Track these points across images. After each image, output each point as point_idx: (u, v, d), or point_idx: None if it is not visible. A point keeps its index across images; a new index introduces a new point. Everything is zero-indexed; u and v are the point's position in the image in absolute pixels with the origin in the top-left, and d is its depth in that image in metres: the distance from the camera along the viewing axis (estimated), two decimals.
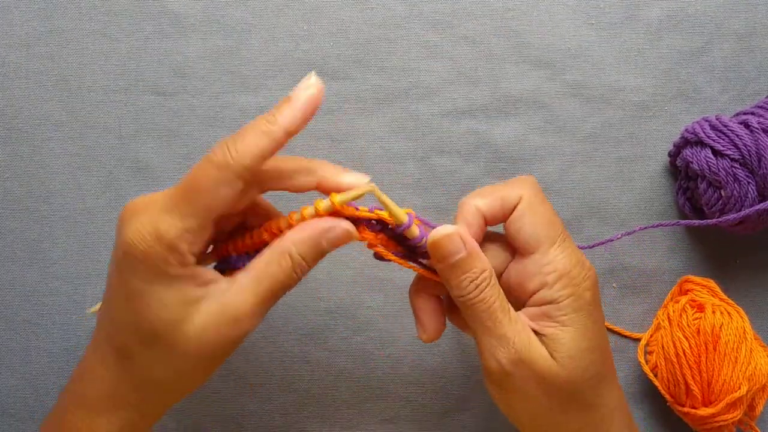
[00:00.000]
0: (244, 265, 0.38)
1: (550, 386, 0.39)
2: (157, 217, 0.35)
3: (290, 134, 0.36)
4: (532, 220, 0.40)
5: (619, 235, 0.49)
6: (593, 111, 0.53)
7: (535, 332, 0.39)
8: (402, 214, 0.38)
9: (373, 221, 0.39)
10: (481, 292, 0.38)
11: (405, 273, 0.54)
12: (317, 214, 0.38)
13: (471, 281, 0.38)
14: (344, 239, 0.38)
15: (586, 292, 0.39)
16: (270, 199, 0.42)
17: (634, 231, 0.50)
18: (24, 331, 0.53)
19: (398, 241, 0.41)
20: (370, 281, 0.53)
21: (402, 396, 0.53)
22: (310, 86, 0.37)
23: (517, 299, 0.41)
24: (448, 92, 0.53)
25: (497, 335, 0.38)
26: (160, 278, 0.35)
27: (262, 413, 0.52)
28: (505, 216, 0.40)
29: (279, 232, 0.38)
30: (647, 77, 0.54)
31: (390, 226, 0.39)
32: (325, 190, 0.39)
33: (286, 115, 0.36)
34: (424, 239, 0.39)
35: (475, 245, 0.39)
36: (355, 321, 0.53)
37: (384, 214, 0.39)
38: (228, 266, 0.40)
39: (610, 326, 0.53)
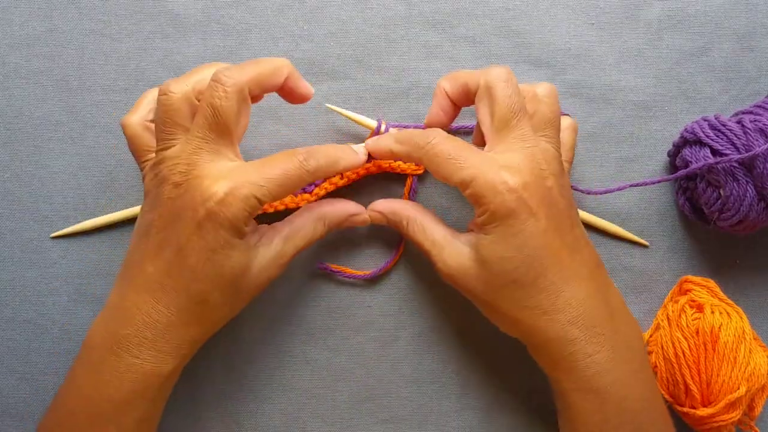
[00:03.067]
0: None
1: (473, 288, 0.44)
2: (251, 187, 0.41)
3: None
4: (483, 110, 0.44)
5: (626, 186, 0.50)
6: (593, 111, 0.53)
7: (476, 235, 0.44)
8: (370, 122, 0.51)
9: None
10: (407, 226, 0.47)
11: (404, 273, 0.54)
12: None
13: (392, 217, 0.48)
14: (361, 223, 0.49)
15: (507, 201, 0.41)
16: None
17: (625, 187, 0.50)
18: (24, 331, 0.53)
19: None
20: (370, 281, 0.53)
21: (402, 396, 0.53)
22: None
23: None
24: None
25: (426, 251, 0.46)
26: (239, 233, 0.42)
27: (262, 413, 0.52)
28: (470, 100, 0.46)
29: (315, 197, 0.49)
30: (647, 77, 0.54)
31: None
32: None
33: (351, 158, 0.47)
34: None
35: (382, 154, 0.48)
36: (355, 321, 0.53)
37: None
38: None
39: None
